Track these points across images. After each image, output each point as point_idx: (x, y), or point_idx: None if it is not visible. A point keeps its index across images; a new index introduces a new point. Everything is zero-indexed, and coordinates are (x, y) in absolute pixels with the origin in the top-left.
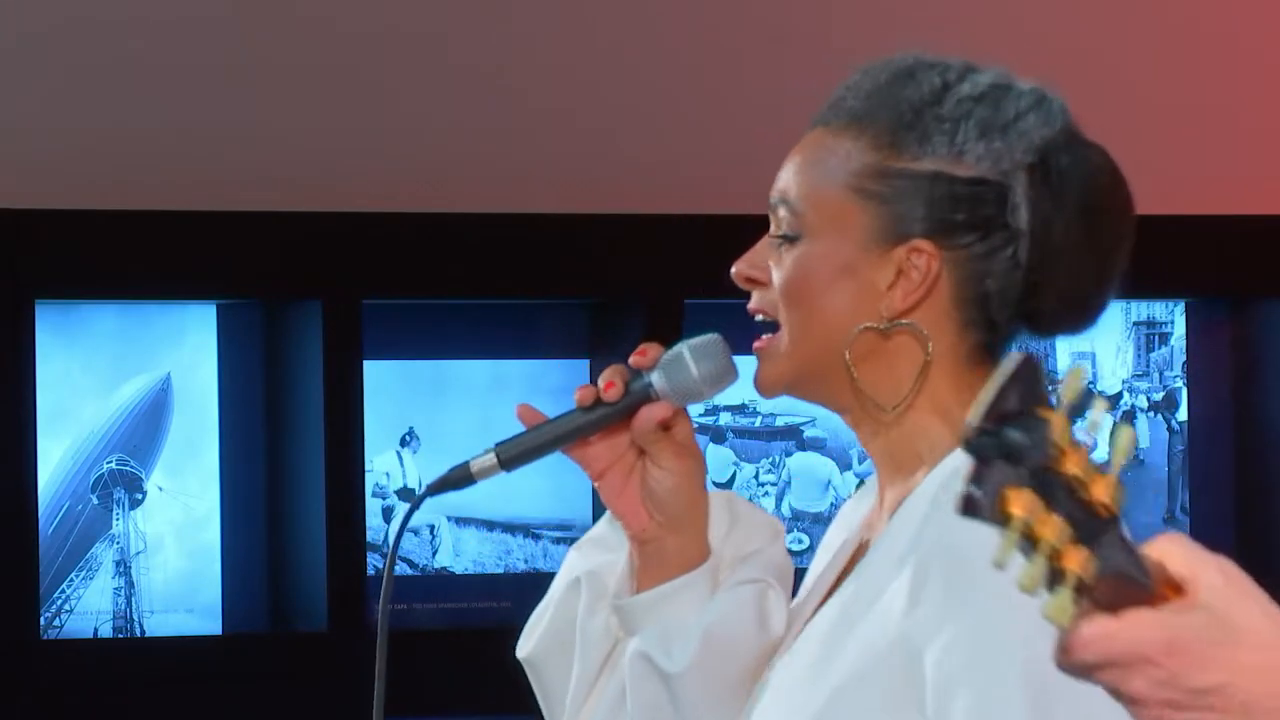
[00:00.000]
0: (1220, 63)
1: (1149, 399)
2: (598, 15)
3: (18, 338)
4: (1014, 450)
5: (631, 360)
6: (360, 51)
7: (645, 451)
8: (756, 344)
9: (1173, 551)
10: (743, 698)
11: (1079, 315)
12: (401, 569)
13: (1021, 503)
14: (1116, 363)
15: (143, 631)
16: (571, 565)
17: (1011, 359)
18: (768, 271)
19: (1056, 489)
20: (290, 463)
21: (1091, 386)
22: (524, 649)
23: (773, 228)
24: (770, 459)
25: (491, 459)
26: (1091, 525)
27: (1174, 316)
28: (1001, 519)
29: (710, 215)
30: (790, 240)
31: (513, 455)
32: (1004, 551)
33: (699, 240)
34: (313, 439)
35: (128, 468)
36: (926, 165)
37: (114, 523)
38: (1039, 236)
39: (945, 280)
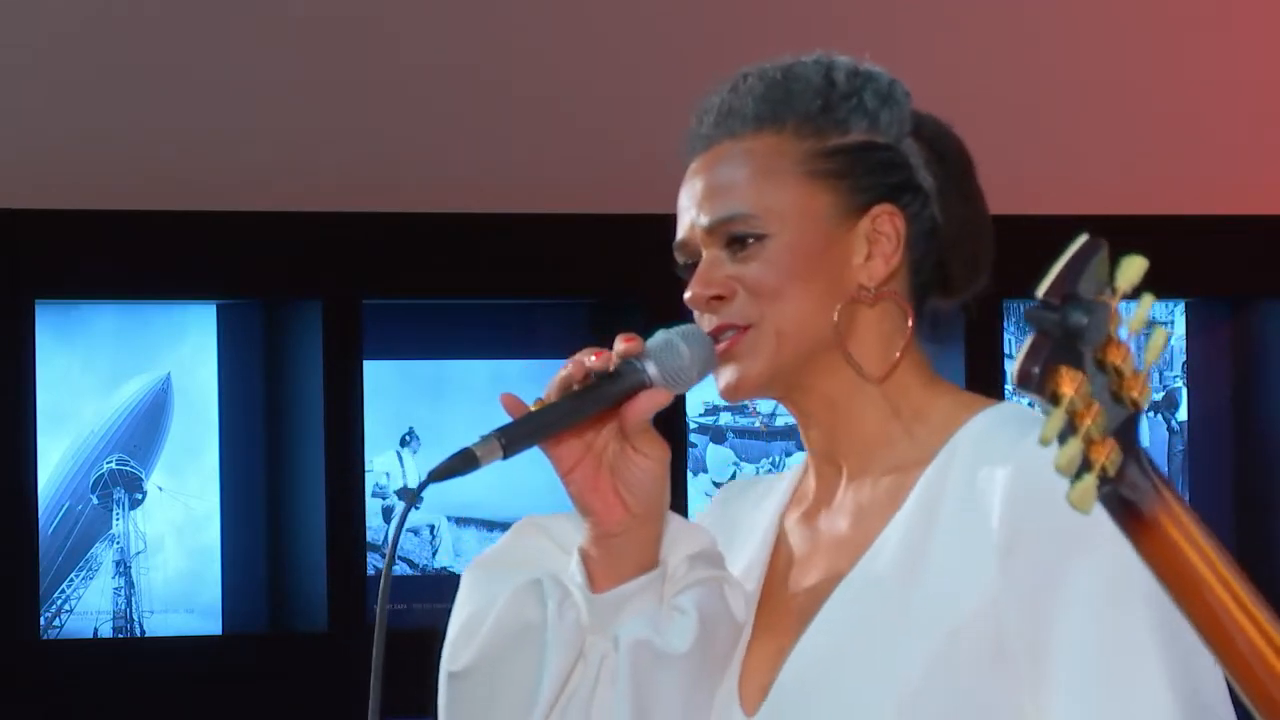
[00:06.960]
0: (1219, 63)
1: None
2: (597, 15)
3: (18, 338)
4: (1075, 331)
5: (618, 350)
6: (360, 52)
7: (630, 440)
8: (721, 347)
9: None
10: (716, 682)
11: (979, 274)
12: (401, 569)
13: (1073, 384)
14: None
15: (143, 631)
16: (478, 582)
17: (1082, 238)
18: (728, 284)
19: (1099, 377)
20: (290, 463)
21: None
22: (459, 661)
23: (711, 246)
24: (770, 459)
25: (495, 445)
26: (1121, 419)
27: (1174, 316)
28: (1052, 397)
29: None
30: (756, 239)
31: (514, 439)
32: (1051, 428)
33: None
34: (313, 439)
35: (128, 468)
36: (855, 138)
37: (114, 523)
38: (942, 197)
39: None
